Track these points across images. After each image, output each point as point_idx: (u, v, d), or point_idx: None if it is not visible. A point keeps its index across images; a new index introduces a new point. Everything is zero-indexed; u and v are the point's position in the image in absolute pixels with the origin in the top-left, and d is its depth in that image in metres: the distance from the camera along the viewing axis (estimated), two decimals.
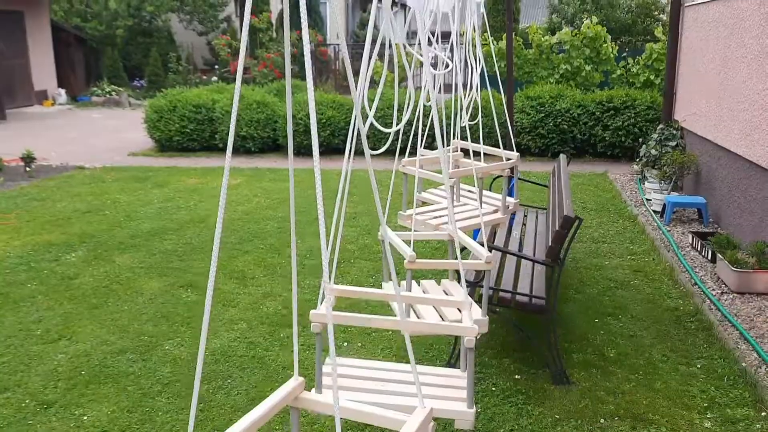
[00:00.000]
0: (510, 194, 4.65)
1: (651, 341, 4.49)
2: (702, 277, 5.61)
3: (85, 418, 3.67)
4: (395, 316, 2.72)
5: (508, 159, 4.35)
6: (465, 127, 3.75)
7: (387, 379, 2.79)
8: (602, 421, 3.58)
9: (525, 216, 5.87)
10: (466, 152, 5.22)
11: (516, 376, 4.05)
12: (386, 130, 2.45)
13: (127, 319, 4.96)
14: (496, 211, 4.48)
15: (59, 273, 5.92)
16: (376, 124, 2.43)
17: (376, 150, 2.44)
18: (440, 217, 4.12)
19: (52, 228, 7.29)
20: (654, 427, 3.52)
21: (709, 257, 5.95)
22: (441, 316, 3.35)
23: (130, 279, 5.79)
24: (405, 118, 2.61)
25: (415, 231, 3.27)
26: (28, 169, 10.02)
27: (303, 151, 11.80)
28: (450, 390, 2.67)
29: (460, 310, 3.19)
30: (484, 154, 4.42)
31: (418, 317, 3.28)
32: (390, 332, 4.70)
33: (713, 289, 5.33)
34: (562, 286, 5.41)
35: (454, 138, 4.81)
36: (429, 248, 6.50)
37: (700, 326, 4.70)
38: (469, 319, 2.40)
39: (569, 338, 4.53)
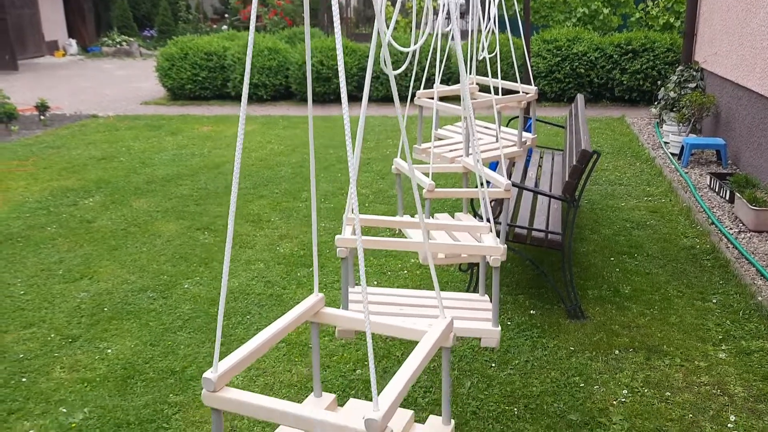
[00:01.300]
0: (527, 131, 4.60)
1: (666, 278, 4.50)
2: (719, 216, 5.58)
3: (109, 351, 3.76)
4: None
5: (527, 93, 4.30)
6: (486, 59, 3.69)
7: (408, 303, 2.83)
8: (617, 352, 3.62)
9: (541, 157, 5.82)
10: (482, 90, 5.16)
11: (531, 311, 4.09)
12: (404, 50, 2.41)
13: (146, 260, 5.03)
14: (513, 146, 4.45)
15: (78, 217, 5.99)
16: (393, 43, 2.39)
17: (390, 91, 2.39)
18: (456, 150, 4.09)
19: (69, 174, 7.34)
20: (668, 358, 3.55)
21: (727, 197, 5.90)
22: None
23: (148, 222, 5.85)
24: (421, 40, 2.57)
25: (432, 164, 3.25)
26: (42, 117, 10.03)
27: (315, 98, 11.71)
28: (474, 312, 2.70)
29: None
30: (502, 89, 4.36)
31: None
32: (405, 271, 4.74)
33: (730, 228, 5.30)
34: (578, 227, 5.40)
35: (470, 74, 4.75)
36: (443, 184, 6.50)
37: (717, 264, 4.69)
38: (494, 240, 2.42)
39: (584, 276, 4.54)
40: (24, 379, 3.48)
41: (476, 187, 2.71)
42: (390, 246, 2.45)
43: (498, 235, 3.43)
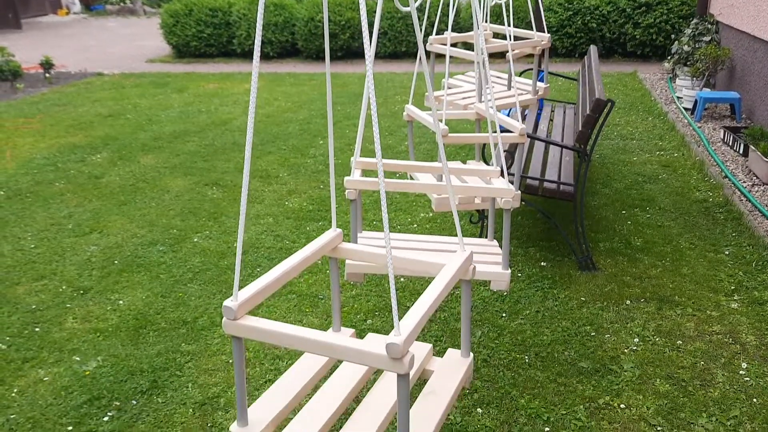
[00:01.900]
0: (540, 81, 4.51)
1: (679, 231, 4.46)
2: (733, 170, 5.50)
3: (121, 302, 3.78)
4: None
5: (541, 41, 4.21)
6: (502, 4, 3.60)
7: (423, 248, 2.82)
8: (628, 302, 3.60)
9: (552, 111, 5.73)
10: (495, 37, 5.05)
11: (542, 263, 4.07)
12: None
13: (155, 215, 5.02)
14: (526, 94, 4.37)
15: (86, 173, 5.97)
16: None
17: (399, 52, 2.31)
18: (468, 98, 4.02)
19: (76, 131, 7.30)
20: (680, 308, 3.53)
21: (741, 151, 5.81)
22: None
23: (156, 178, 5.83)
24: None
25: (444, 111, 3.19)
26: (47, 75, 9.95)
27: (322, 55, 11.55)
28: (484, 256, 2.68)
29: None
30: (515, 37, 4.26)
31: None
32: (415, 225, 4.72)
33: (744, 182, 5.23)
34: (589, 181, 5.35)
35: (484, 21, 4.64)
36: (455, 133, 6.44)
37: (730, 216, 4.64)
38: (505, 184, 2.38)
39: (595, 229, 4.51)
40: (37, 329, 3.51)
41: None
42: (404, 188, 2.42)
43: (511, 184, 3.39)
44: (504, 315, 3.53)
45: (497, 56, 10.44)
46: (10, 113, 8.16)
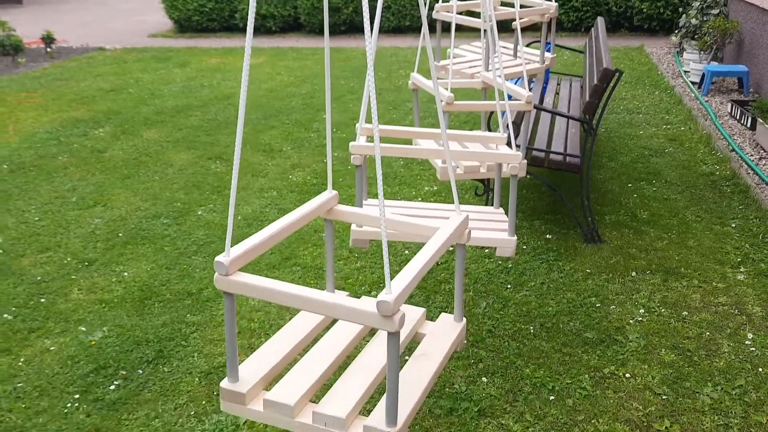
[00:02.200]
0: (546, 51, 4.46)
1: (685, 204, 4.43)
2: (740, 143, 5.46)
3: (126, 274, 3.78)
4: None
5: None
6: None
7: (425, 215, 2.80)
8: (633, 274, 3.59)
9: (558, 84, 5.68)
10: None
11: (547, 236, 4.05)
12: None
13: (159, 188, 5.01)
14: (534, 63, 4.32)
15: (89, 147, 5.95)
16: None
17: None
18: (475, 67, 3.98)
19: (78, 106, 7.27)
20: (686, 279, 3.52)
21: (749, 125, 5.76)
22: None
23: (159, 152, 5.81)
24: None
25: (450, 80, 3.16)
26: (48, 50, 9.88)
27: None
28: (490, 223, 2.67)
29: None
30: (521, 5, 4.20)
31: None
32: (419, 199, 4.70)
33: (751, 155, 5.19)
34: (595, 155, 5.31)
35: None
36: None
37: (736, 189, 4.61)
38: (512, 149, 2.36)
39: (601, 202, 4.48)
40: (43, 300, 3.52)
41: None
42: (406, 153, 2.40)
43: None
44: (509, 286, 3.52)
45: (502, 29, 10.32)
46: (12, 88, 8.11)
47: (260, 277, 1.64)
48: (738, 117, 6.00)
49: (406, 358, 2.30)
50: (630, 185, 4.76)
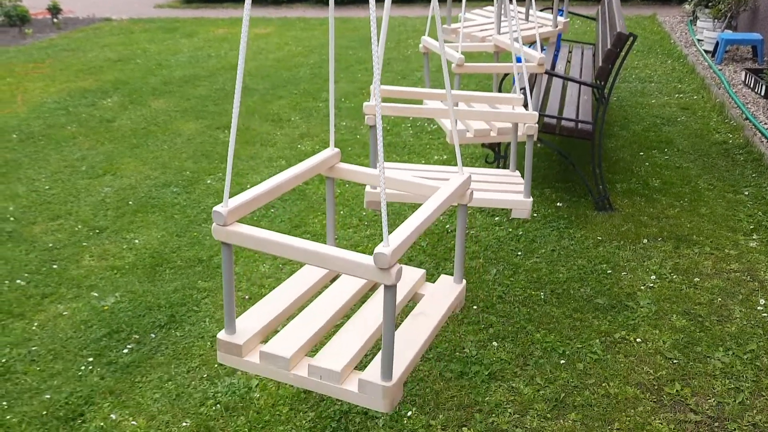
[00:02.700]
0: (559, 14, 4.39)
1: (697, 172, 4.39)
2: (754, 112, 5.39)
3: (137, 241, 3.79)
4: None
5: None
6: None
7: (433, 177, 2.79)
8: (645, 241, 3.57)
9: (570, 51, 5.60)
10: None
11: (558, 204, 4.03)
12: None
13: (168, 157, 5.00)
14: (547, 26, 4.26)
15: (97, 116, 5.94)
16: None
17: None
18: (486, 30, 3.93)
19: (86, 76, 7.24)
20: (698, 246, 3.50)
21: (763, 93, 5.68)
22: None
23: (167, 121, 5.79)
24: None
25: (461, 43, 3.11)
26: (55, 20, 9.83)
27: None
28: (505, 185, 2.65)
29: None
30: None
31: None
32: (425, 162, 4.67)
33: (765, 123, 5.13)
34: (607, 123, 5.26)
35: None
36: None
37: (750, 158, 4.56)
38: (527, 109, 2.33)
39: (613, 170, 4.45)
40: (55, 266, 3.54)
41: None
42: (414, 113, 2.38)
43: None
44: (519, 253, 3.51)
45: None
46: (19, 58, 8.09)
47: (257, 228, 1.63)
48: (752, 85, 5.91)
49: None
50: (642, 153, 4.72)
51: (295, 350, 1.70)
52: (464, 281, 2.09)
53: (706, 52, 7.25)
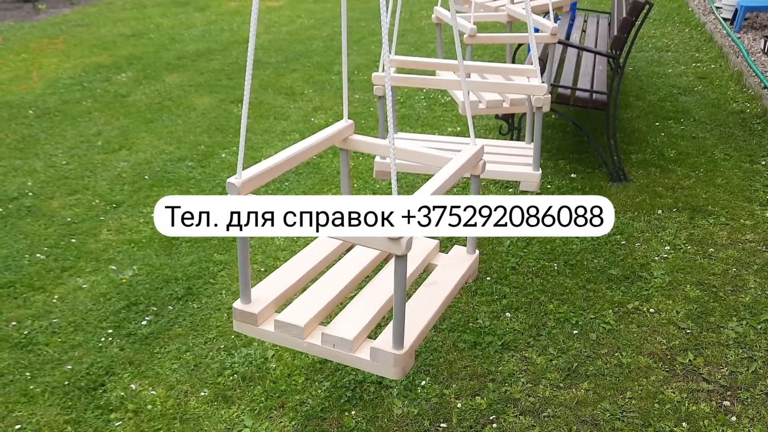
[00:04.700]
0: None
1: (714, 142, 4.35)
2: None
3: (153, 215, 3.84)
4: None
5: None
6: None
7: (445, 149, 2.79)
8: (659, 212, 3.56)
9: (585, 21, 5.53)
10: None
11: (572, 175, 4.01)
12: None
13: (183, 132, 5.03)
14: None
15: (112, 92, 5.97)
16: None
17: None
18: (499, 0, 3.89)
19: (100, 51, 7.25)
20: (713, 217, 3.48)
21: None
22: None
23: (181, 96, 5.81)
24: None
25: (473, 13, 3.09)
26: None
27: None
28: (515, 158, 2.65)
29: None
30: None
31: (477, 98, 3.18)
32: (438, 134, 4.66)
33: None
34: (622, 93, 5.20)
35: None
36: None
37: (767, 127, 4.51)
38: (539, 81, 2.31)
39: (628, 141, 4.41)
40: (73, 240, 3.60)
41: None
42: (425, 84, 2.37)
43: None
44: None
45: None
46: (33, 34, 8.11)
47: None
48: None
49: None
50: (657, 124, 4.67)
51: (309, 319, 1.73)
52: (477, 252, 2.10)
53: (725, 19, 7.11)
